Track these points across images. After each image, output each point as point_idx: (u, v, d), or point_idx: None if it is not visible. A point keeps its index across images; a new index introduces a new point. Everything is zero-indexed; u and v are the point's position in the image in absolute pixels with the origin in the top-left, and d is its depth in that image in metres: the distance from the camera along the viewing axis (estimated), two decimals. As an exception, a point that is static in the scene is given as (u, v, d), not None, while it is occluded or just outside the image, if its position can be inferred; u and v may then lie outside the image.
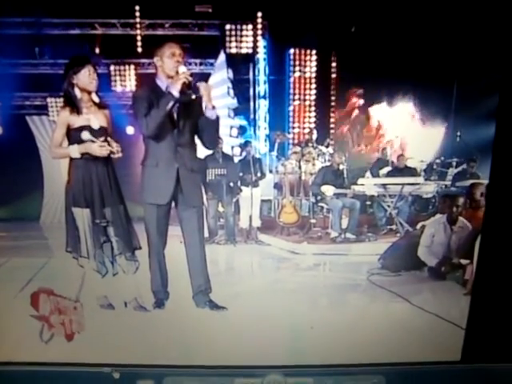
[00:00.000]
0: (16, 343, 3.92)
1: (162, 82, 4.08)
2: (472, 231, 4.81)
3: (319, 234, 6.38)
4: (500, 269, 3.90)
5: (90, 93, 4.04)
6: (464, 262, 4.78)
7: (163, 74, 4.07)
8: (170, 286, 4.32)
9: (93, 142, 3.97)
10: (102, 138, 4.01)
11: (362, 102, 7.24)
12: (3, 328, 4.02)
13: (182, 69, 3.97)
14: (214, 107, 4.05)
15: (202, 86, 4.00)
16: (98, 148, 3.96)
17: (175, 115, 4.06)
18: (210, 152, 5.97)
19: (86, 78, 4.00)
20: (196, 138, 4.22)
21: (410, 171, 6.54)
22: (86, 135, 3.96)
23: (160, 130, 4.00)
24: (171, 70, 4.01)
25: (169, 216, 4.23)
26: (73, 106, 3.99)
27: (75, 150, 3.96)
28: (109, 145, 4.04)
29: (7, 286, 4.44)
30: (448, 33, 5.41)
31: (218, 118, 4.11)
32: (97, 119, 4.04)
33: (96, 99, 4.07)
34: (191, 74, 3.97)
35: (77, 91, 4.00)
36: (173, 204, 4.21)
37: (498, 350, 3.88)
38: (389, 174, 6.61)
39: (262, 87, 7.08)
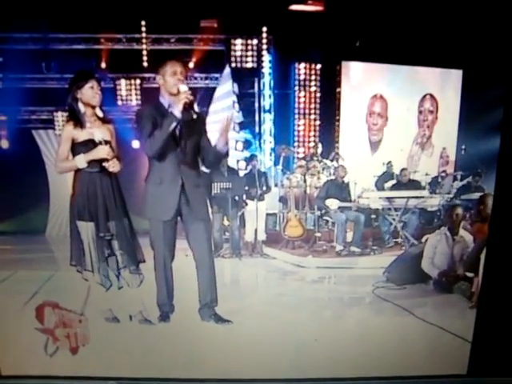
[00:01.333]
0: (21, 356, 3.92)
1: (164, 100, 4.13)
2: (477, 243, 4.79)
3: (324, 248, 6.37)
4: (506, 282, 3.89)
5: (93, 107, 4.07)
6: (468, 274, 4.77)
7: (166, 92, 4.11)
8: (175, 299, 4.32)
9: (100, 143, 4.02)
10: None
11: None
12: (8, 341, 4.02)
13: (183, 87, 4.00)
14: (227, 143, 4.09)
15: (225, 121, 4.08)
16: (102, 150, 4.00)
17: (178, 134, 4.08)
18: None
19: (89, 92, 4.03)
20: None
21: (415, 184, 6.55)
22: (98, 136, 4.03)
23: (163, 150, 4.03)
24: (173, 88, 4.05)
25: (175, 230, 4.24)
26: (76, 120, 4.02)
27: (81, 160, 3.98)
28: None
29: (13, 298, 4.45)
30: (452, 46, 5.43)
31: (227, 152, 4.19)
32: (101, 133, 4.07)
33: (100, 114, 4.10)
34: (192, 93, 4.01)
35: (80, 106, 4.04)
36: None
37: (504, 363, 3.87)
38: (394, 188, 6.60)
39: (267, 101, 7.10)
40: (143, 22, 6.04)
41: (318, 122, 7.22)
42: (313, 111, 7.18)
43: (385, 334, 4.26)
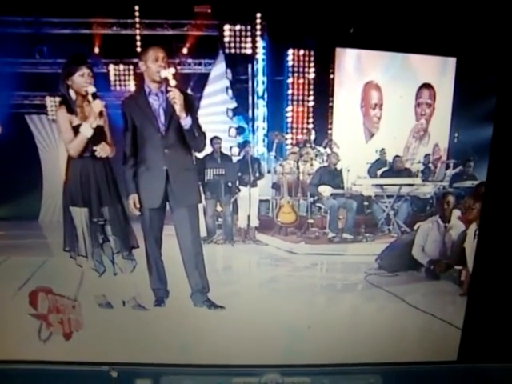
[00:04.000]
0: (14, 342, 3.93)
1: (147, 88, 4.11)
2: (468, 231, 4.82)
3: (317, 234, 6.37)
4: (496, 269, 3.93)
5: (84, 95, 4.05)
6: (460, 261, 4.80)
7: (148, 78, 4.09)
8: (170, 284, 4.34)
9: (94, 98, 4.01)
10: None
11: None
12: (2, 326, 4.03)
13: (164, 73, 3.98)
14: (186, 116, 4.03)
15: (171, 94, 3.97)
16: (96, 105, 4.00)
17: (160, 119, 4.09)
18: (209, 152, 6.00)
19: (79, 80, 4.01)
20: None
21: (407, 172, 6.56)
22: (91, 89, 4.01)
23: (143, 138, 4.07)
24: (155, 74, 4.03)
25: (163, 217, 4.27)
26: (69, 106, 4.01)
27: (87, 128, 3.97)
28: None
29: (6, 284, 4.44)
30: (446, 34, 5.42)
31: (191, 126, 4.07)
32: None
33: (91, 99, 4.07)
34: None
35: (71, 92, 4.02)
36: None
37: (494, 349, 3.92)
38: (385, 175, 6.61)
39: (261, 88, 7.08)
40: (136, 7, 6.00)
41: (311, 109, 7.20)
42: (306, 98, 7.16)
43: (376, 321, 4.30)
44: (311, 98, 7.10)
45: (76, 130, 4.00)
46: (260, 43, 6.76)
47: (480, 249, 4.06)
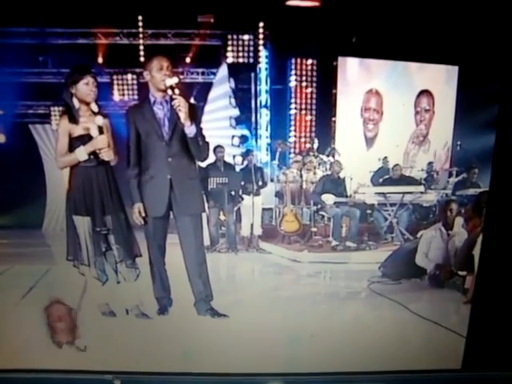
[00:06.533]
0: (17, 350, 3.93)
1: (152, 97, 4.12)
2: (471, 239, 4.80)
3: (320, 243, 6.39)
4: (500, 277, 3.91)
5: (88, 103, 4.06)
6: (463, 269, 4.79)
7: (153, 87, 4.09)
8: (173, 292, 4.34)
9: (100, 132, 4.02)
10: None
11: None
12: (5, 335, 4.03)
13: (169, 82, 3.98)
14: (191, 124, 4.02)
15: (176, 102, 3.95)
16: (101, 140, 4.00)
17: (165, 128, 4.09)
18: (212, 160, 6.02)
19: (84, 88, 4.00)
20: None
21: (409, 180, 6.57)
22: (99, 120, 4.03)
23: (147, 147, 4.08)
24: (160, 83, 4.02)
25: (167, 226, 4.25)
26: (71, 115, 4.01)
27: (82, 152, 3.97)
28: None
29: (9, 293, 4.45)
30: (448, 42, 5.44)
31: (196, 135, 4.03)
32: (96, 127, 4.06)
33: (95, 109, 4.07)
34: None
35: (75, 101, 4.01)
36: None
37: (498, 358, 3.89)
38: (388, 183, 6.61)
39: (264, 96, 7.11)
40: (140, 17, 6.04)
41: (314, 117, 7.23)
42: (309, 106, 7.19)
43: (380, 329, 4.28)
44: (314, 106, 7.12)
45: (72, 145, 4.00)
46: (263, 52, 6.80)
47: (484, 256, 4.05)
